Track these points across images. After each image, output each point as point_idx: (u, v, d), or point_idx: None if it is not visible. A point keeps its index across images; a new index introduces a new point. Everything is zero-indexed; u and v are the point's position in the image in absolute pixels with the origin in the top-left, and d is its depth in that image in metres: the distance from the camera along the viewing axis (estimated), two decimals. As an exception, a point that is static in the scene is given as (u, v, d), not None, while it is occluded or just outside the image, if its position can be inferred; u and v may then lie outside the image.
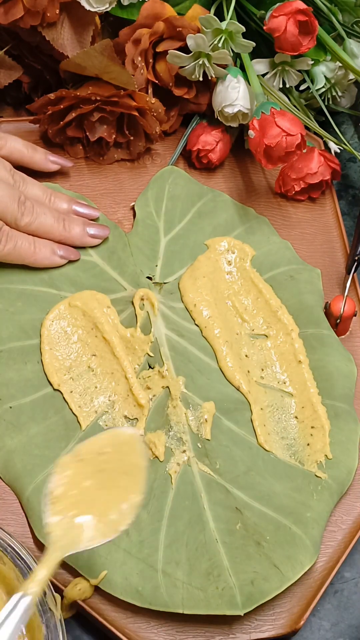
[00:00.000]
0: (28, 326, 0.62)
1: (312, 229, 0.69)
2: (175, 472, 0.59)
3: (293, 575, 0.56)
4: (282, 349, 0.63)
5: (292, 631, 0.57)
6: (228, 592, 0.55)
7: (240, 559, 0.56)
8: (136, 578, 0.55)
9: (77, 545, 0.49)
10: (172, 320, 0.63)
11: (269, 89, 0.66)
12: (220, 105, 0.65)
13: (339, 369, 0.62)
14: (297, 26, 0.63)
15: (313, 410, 0.61)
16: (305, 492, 0.59)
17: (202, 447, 0.59)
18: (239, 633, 0.57)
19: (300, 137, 0.63)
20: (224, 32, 0.63)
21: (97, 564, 0.55)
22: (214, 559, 0.56)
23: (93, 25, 0.64)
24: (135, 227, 0.67)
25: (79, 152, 0.69)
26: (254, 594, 0.55)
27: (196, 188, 0.69)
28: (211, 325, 0.63)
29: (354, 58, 0.67)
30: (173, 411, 0.60)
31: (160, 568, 0.55)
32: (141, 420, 0.60)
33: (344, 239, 0.68)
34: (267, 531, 0.57)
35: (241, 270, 0.66)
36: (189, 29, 0.64)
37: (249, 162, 0.71)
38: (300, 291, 0.65)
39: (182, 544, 0.56)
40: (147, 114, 0.67)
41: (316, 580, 0.58)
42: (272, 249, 0.67)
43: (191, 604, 0.55)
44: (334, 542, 0.59)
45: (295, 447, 0.60)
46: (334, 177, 0.69)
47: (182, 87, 0.68)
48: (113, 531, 0.49)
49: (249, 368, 0.62)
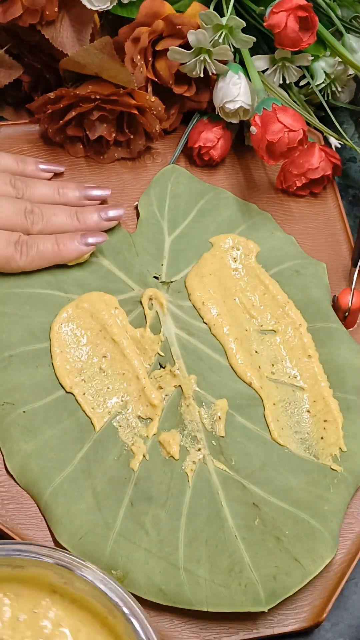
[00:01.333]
0: (37, 329, 0.61)
1: (316, 223, 0.69)
2: (192, 471, 0.58)
3: (314, 568, 0.56)
4: (292, 344, 0.63)
5: (315, 624, 0.57)
6: (251, 589, 0.55)
7: (260, 555, 0.56)
8: (159, 577, 0.55)
9: None
10: (181, 319, 0.63)
11: (270, 85, 0.66)
12: (222, 102, 0.65)
13: (348, 362, 0.63)
14: (297, 22, 0.63)
15: (325, 404, 0.61)
16: (322, 485, 0.59)
17: (216, 444, 0.59)
18: (262, 628, 0.57)
19: (302, 133, 0.63)
20: (225, 27, 0.63)
21: (119, 564, 0.55)
22: (235, 555, 0.56)
23: (92, 24, 0.63)
24: (140, 227, 0.67)
25: (79, 151, 0.69)
26: (276, 589, 0.55)
27: (198, 186, 0.69)
28: (220, 323, 0.63)
29: (353, 53, 0.67)
30: (186, 410, 0.60)
31: (182, 566, 0.55)
32: (155, 420, 0.60)
33: (348, 232, 0.69)
34: (285, 526, 0.57)
35: (247, 266, 0.66)
36: (188, 26, 0.64)
37: (250, 158, 0.71)
38: (306, 286, 0.65)
39: (201, 542, 0.56)
40: (147, 113, 0.66)
41: (336, 573, 0.58)
42: (276, 244, 0.67)
43: (215, 601, 0.55)
44: (352, 534, 0.59)
45: (309, 441, 0.61)
46: (335, 172, 0.70)
47: (182, 85, 0.68)
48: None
49: (259, 364, 0.62)
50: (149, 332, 0.62)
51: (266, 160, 0.64)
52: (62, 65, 0.65)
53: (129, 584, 0.55)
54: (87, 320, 0.62)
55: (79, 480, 0.57)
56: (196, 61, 0.64)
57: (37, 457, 0.58)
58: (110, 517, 0.56)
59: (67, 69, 0.66)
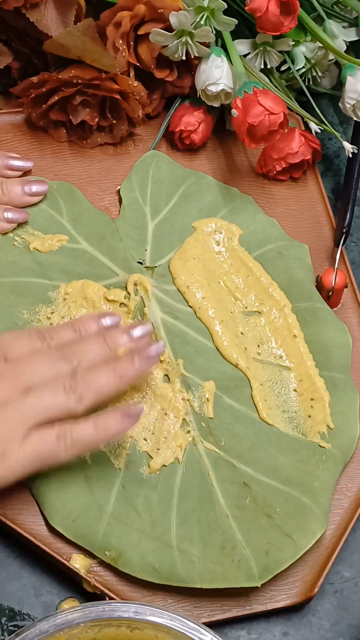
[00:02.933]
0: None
1: (297, 205, 0.70)
2: (182, 452, 0.59)
3: (306, 543, 0.57)
4: (276, 325, 0.64)
5: (307, 599, 0.57)
6: (244, 565, 0.55)
7: (252, 531, 0.57)
8: (152, 556, 0.55)
9: None
10: (167, 304, 0.63)
11: (251, 69, 0.67)
12: (204, 84, 0.66)
13: (334, 341, 0.64)
14: (278, 6, 0.63)
15: (311, 383, 0.62)
16: (311, 463, 0.59)
17: (205, 426, 0.60)
18: (255, 604, 0.57)
19: (283, 116, 0.64)
20: (206, 9, 0.64)
21: (113, 545, 0.55)
22: (227, 533, 0.56)
23: (76, 5, 0.63)
24: (122, 213, 0.67)
25: (62, 136, 0.69)
26: (269, 564, 0.56)
27: (179, 171, 0.69)
28: (205, 306, 0.63)
29: (333, 38, 0.68)
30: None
31: (175, 545, 0.56)
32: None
33: (330, 213, 0.70)
34: (276, 503, 0.58)
35: (230, 249, 0.66)
36: (170, 9, 0.64)
37: (231, 142, 0.72)
38: (289, 267, 0.66)
39: (194, 522, 0.57)
40: (129, 97, 0.67)
41: (327, 548, 0.59)
42: (258, 227, 0.67)
43: (209, 578, 0.55)
44: (341, 510, 0.60)
45: (297, 419, 0.61)
46: (315, 157, 0.70)
47: (163, 70, 0.68)
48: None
49: (245, 345, 0.63)
50: (138, 318, 0.62)
51: (247, 144, 0.65)
52: (46, 47, 0.64)
53: (123, 564, 0.55)
54: (73, 307, 0.62)
55: (70, 465, 0.57)
56: (178, 43, 0.65)
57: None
58: (102, 499, 0.56)
59: (52, 53, 0.66)
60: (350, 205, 0.68)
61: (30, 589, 0.58)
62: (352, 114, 0.68)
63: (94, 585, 0.56)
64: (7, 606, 0.57)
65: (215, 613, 0.57)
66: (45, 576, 0.58)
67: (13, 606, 0.57)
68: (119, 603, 0.49)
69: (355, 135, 0.72)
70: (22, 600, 0.57)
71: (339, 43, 0.69)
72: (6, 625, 0.56)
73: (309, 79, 0.71)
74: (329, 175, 0.74)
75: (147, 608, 0.48)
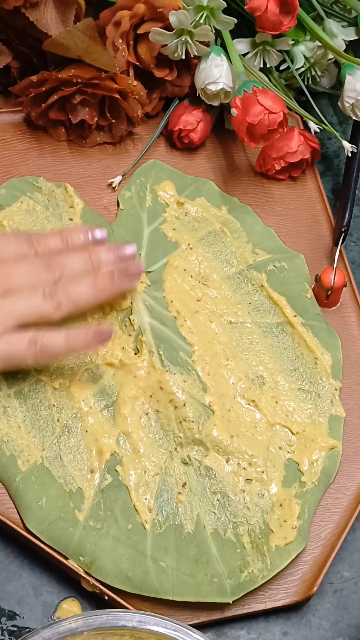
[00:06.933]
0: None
1: (296, 204, 0.70)
2: (164, 462, 0.58)
3: (281, 563, 0.57)
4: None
5: (306, 598, 0.58)
6: (217, 580, 0.56)
7: (227, 547, 0.57)
8: (126, 564, 0.55)
9: None
10: (155, 310, 0.62)
11: (250, 68, 0.67)
12: (204, 83, 0.66)
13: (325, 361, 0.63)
14: (278, 5, 0.63)
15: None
16: (293, 486, 0.59)
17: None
18: (254, 604, 0.57)
19: (282, 115, 0.64)
20: (206, 8, 0.64)
21: (87, 551, 0.55)
22: (202, 545, 0.56)
23: (76, 5, 0.63)
24: (119, 217, 0.67)
25: (61, 135, 0.69)
26: (242, 582, 0.56)
27: (179, 180, 0.69)
28: (181, 317, 0.62)
29: (333, 38, 0.68)
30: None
31: (150, 554, 0.56)
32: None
33: (329, 212, 0.70)
34: (253, 519, 0.57)
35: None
36: (169, 9, 0.64)
37: (230, 142, 0.72)
38: (284, 281, 0.65)
39: (170, 531, 0.57)
40: (128, 97, 0.67)
41: (325, 547, 0.59)
42: (255, 239, 0.67)
43: (181, 590, 0.55)
44: (340, 509, 0.60)
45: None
46: (314, 156, 0.70)
47: (163, 69, 0.68)
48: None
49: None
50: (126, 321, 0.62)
51: (247, 143, 0.65)
52: (46, 47, 0.64)
53: (96, 570, 0.55)
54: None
55: (49, 467, 0.57)
56: (177, 42, 0.65)
57: (8, 442, 0.58)
58: (80, 502, 0.57)
59: (51, 52, 0.66)
60: (349, 204, 0.68)
61: (30, 589, 0.58)
62: (351, 113, 0.68)
63: (93, 584, 0.56)
64: (7, 608, 0.57)
65: (214, 612, 0.57)
66: (45, 576, 0.58)
67: (13, 606, 0.57)
68: (123, 612, 0.49)
69: (354, 134, 0.72)
70: (21, 600, 0.57)
71: (338, 42, 0.69)
72: (6, 626, 0.56)
73: (308, 78, 0.71)
74: (329, 175, 0.74)
75: (151, 618, 0.48)
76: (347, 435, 0.62)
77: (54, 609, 0.57)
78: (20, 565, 0.58)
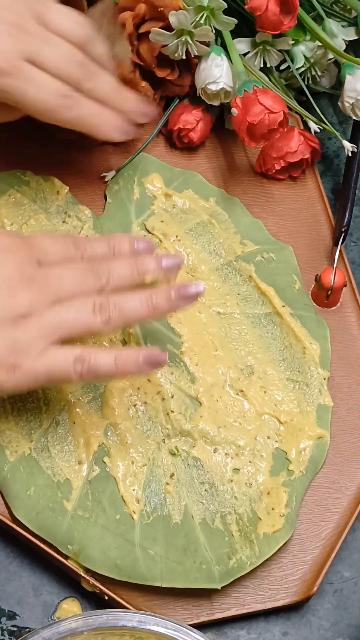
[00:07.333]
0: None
1: (296, 204, 0.70)
2: (152, 453, 0.59)
3: (269, 550, 0.57)
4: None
5: (306, 597, 0.58)
6: (206, 566, 0.56)
7: (215, 535, 0.57)
8: (114, 552, 0.56)
9: None
10: None
11: (250, 68, 0.67)
12: (204, 83, 0.66)
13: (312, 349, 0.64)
14: (278, 5, 0.63)
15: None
16: (281, 474, 0.59)
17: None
18: (254, 603, 0.57)
19: (282, 115, 0.64)
20: (206, 8, 0.64)
21: (75, 539, 0.56)
22: (190, 535, 0.57)
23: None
24: (107, 210, 0.67)
25: (62, 134, 0.68)
26: (231, 568, 0.56)
27: (167, 173, 0.69)
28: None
29: (333, 37, 0.68)
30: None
31: (138, 543, 0.56)
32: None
33: (329, 212, 0.70)
34: (241, 507, 0.58)
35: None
36: (170, 8, 0.64)
37: (230, 141, 0.71)
38: (271, 272, 0.65)
39: (158, 521, 0.57)
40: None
41: (326, 547, 0.59)
42: (242, 230, 0.67)
43: (169, 576, 0.56)
44: (340, 509, 0.60)
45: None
46: (314, 156, 0.70)
47: (164, 69, 0.68)
48: None
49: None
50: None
51: (247, 142, 0.65)
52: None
53: (85, 559, 0.56)
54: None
55: (37, 458, 0.58)
56: (178, 43, 0.65)
57: None
58: (68, 493, 0.57)
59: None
60: (349, 204, 0.68)
61: (29, 589, 0.58)
62: (351, 113, 0.68)
63: (93, 584, 0.56)
64: (7, 608, 0.57)
65: (214, 612, 0.57)
66: (44, 576, 0.58)
67: (13, 606, 0.57)
68: (123, 612, 0.49)
69: (354, 134, 0.72)
70: (21, 600, 0.57)
71: (338, 42, 0.69)
72: (6, 626, 0.56)
73: (309, 78, 0.71)
74: (329, 175, 0.74)
75: (151, 618, 0.48)
76: (347, 435, 0.62)
77: (54, 609, 0.57)
78: (20, 565, 0.58)
